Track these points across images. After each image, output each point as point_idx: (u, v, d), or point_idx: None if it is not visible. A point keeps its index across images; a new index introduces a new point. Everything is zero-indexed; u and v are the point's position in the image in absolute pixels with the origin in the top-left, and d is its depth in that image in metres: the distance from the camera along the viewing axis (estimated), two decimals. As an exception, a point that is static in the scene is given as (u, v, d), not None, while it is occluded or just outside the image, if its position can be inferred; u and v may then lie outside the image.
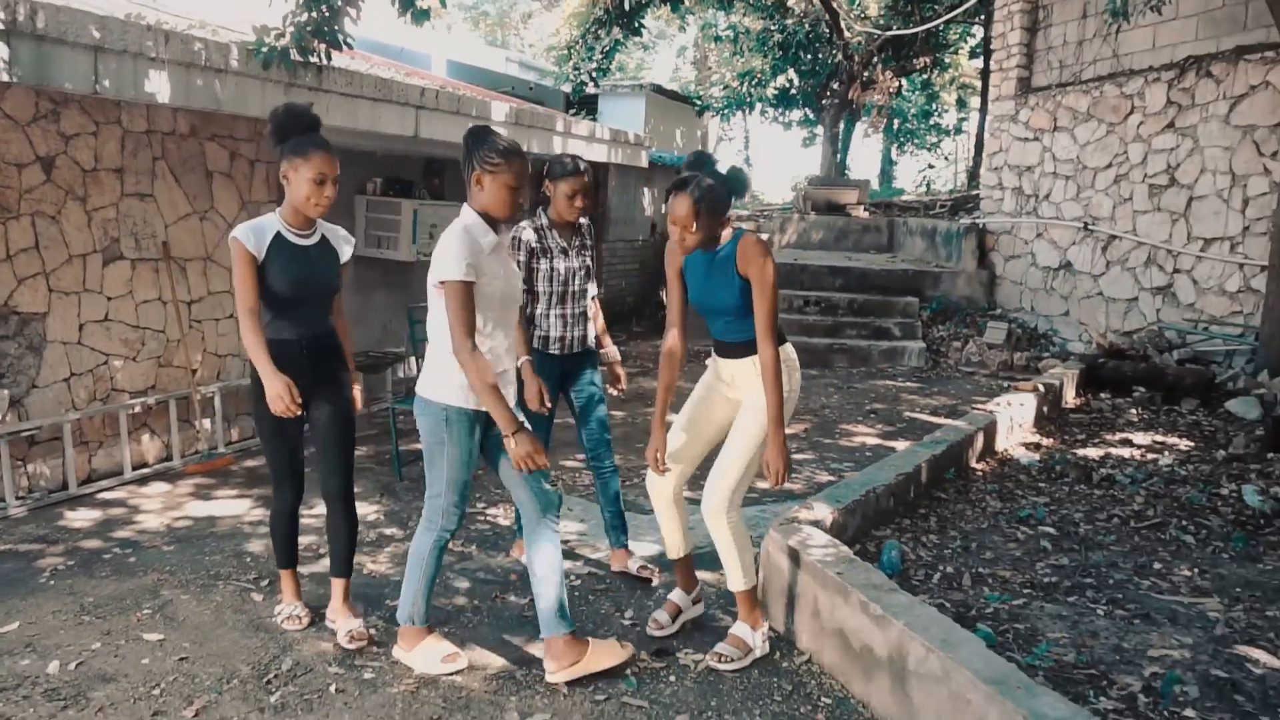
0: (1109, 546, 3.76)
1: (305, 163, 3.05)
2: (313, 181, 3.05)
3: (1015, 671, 2.33)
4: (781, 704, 2.83)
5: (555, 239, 3.75)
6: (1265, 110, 7.03)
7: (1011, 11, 10.14)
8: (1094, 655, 2.80)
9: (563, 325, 3.80)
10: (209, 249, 5.93)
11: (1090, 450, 5.28)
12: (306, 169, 3.05)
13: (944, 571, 3.45)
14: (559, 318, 3.79)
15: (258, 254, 3.08)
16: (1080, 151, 9.04)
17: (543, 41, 27.85)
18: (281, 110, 3.13)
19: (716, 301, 3.09)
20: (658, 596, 3.68)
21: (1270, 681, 2.65)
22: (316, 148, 3.06)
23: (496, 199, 2.86)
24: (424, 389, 3.02)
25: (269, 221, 3.16)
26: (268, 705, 2.84)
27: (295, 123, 3.09)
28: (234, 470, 5.62)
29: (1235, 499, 4.24)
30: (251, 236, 3.09)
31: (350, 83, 5.91)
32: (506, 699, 2.88)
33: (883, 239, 12.67)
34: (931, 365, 9.09)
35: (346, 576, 3.38)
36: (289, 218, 3.17)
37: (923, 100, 23.84)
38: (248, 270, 3.07)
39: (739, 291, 3.01)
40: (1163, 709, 2.49)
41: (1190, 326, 7.70)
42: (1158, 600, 3.23)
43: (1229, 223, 7.39)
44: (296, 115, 3.11)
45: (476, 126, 2.95)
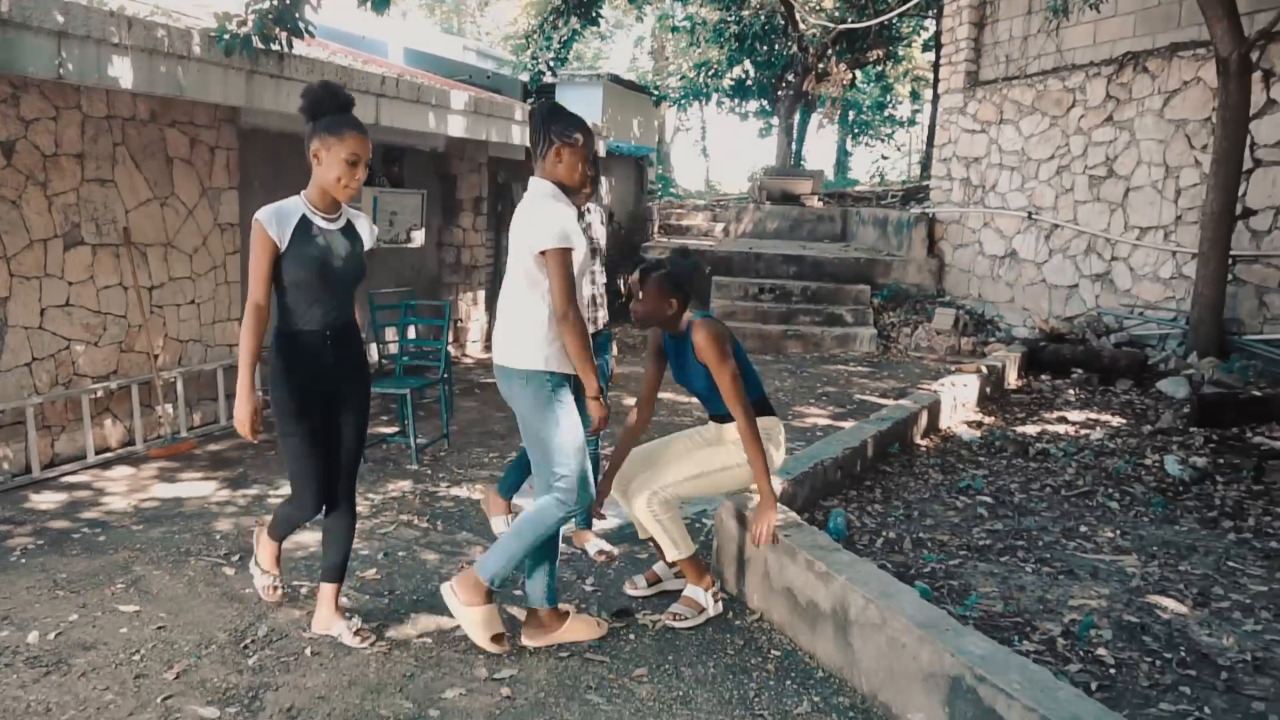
0: (1040, 513, 4.01)
1: (339, 142, 2.87)
2: (346, 163, 2.89)
3: (946, 617, 2.55)
4: (734, 656, 3.02)
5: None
6: (1196, 105, 7.36)
7: (960, 6, 10.43)
8: (1020, 606, 3.03)
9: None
10: (170, 235, 5.97)
11: (1029, 427, 5.56)
12: (340, 149, 2.87)
13: (887, 537, 3.67)
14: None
15: (279, 241, 2.90)
16: (1025, 143, 9.35)
17: (499, 30, 27.78)
18: (317, 87, 2.97)
19: (689, 381, 3.34)
20: (616, 567, 3.86)
21: (1175, 624, 2.90)
22: (351, 127, 2.90)
23: (574, 170, 3.00)
24: (520, 360, 2.95)
25: (294, 205, 2.97)
26: (246, 668, 2.96)
27: (330, 101, 2.94)
28: (198, 454, 5.68)
29: (1158, 469, 4.53)
30: (275, 221, 2.90)
31: (312, 70, 5.98)
32: (475, 658, 3.03)
33: (836, 228, 12.94)
34: (882, 350, 9.37)
35: (341, 582, 3.26)
36: (315, 200, 2.99)
37: (877, 92, 24.20)
38: (265, 259, 2.90)
39: (704, 375, 3.20)
40: (1079, 649, 2.73)
41: (1127, 312, 8.05)
42: (1081, 558, 3.47)
43: (1163, 212, 7.73)
44: (332, 93, 2.95)
45: (551, 103, 3.07)
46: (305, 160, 2.98)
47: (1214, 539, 3.68)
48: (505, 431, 6.26)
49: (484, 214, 9.43)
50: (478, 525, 4.39)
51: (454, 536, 4.24)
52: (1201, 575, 3.31)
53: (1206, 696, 2.50)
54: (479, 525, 4.39)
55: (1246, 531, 3.75)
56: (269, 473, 5.25)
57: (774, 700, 2.76)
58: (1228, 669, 2.63)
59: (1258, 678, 2.59)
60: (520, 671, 2.94)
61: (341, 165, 2.89)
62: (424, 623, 3.32)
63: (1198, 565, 3.40)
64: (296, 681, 2.87)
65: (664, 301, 3.21)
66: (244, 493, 4.88)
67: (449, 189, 9.13)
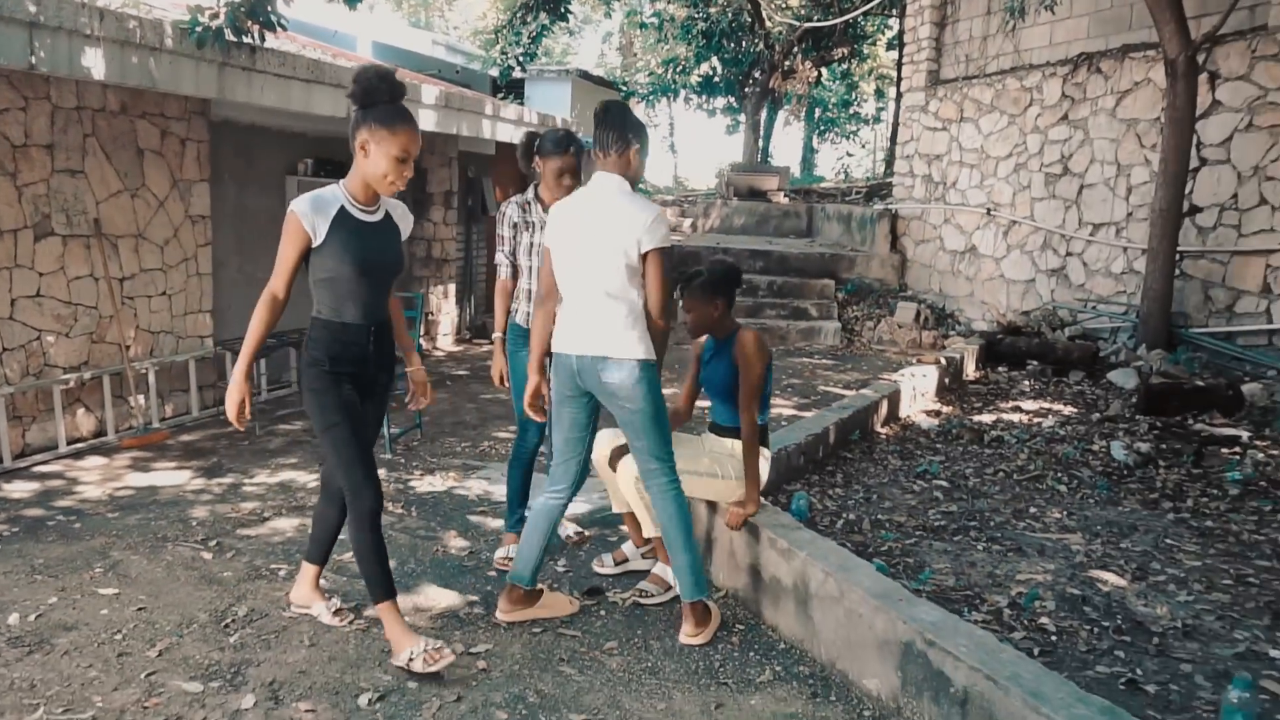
0: (993, 495, 4.19)
1: (392, 137, 2.74)
2: (396, 159, 2.76)
3: (900, 589, 2.70)
4: (700, 631, 3.16)
5: (539, 214, 3.74)
6: (1147, 105, 7.61)
7: (922, 6, 10.64)
8: (970, 581, 3.20)
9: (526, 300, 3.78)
10: (141, 226, 5.99)
11: (985, 416, 5.75)
12: (392, 144, 2.75)
13: (847, 518, 3.83)
14: (526, 292, 3.78)
15: (314, 235, 2.77)
16: (984, 141, 9.58)
17: (467, 24, 27.70)
18: (371, 72, 2.81)
19: (711, 379, 3.49)
20: (588, 549, 3.98)
21: (1114, 596, 3.08)
22: (405, 122, 2.77)
23: (642, 170, 3.14)
24: (634, 351, 2.98)
25: (332, 195, 2.82)
26: (227, 645, 3.05)
27: (385, 89, 2.79)
28: (170, 444, 5.72)
29: (1104, 454, 4.73)
30: (311, 213, 2.76)
31: (284, 64, 6.02)
32: (451, 633, 3.15)
33: (802, 224, 13.14)
34: (846, 344, 9.58)
35: (324, 565, 3.30)
36: (356, 192, 2.85)
37: (843, 90, 24.49)
38: (295, 251, 2.79)
39: (731, 376, 3.35)
40: (1023, 619, 2.90)
41: (1081, 306, 8.30)
42: (1030, 537, 3.65)
43: (1115, 209, 7.98)
44: (388, 81, 2.80)
45: (622, 102, 3.19)
46: (279, 153, 3.04)
47: (1154, 519, 3.89)
48: (476, 422, 6.36)
49: (454, 208, 9.49)
50: (450, 511, 4.50)
51: (428, 522, 4.34)
52: (1141, 552, 3.50)
53: (1139, 659, 2.68)
54: (452, 511, 4.50)
55: (1184, 512, 3.96)
56: (243, 462, 5.31)
57: (738, 670, 2.90)
58: (1160, 635, 2.82)
59: (1186, 642, 2.77)
60: (495, 646, 3.06)
61: (391, 161, 2.76)
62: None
63: (1138, 543, 3.60)
64: (277, 658, 2.97)
65: (710, 306, 3.36)
66: (219, 481, 4.94)
67: (419, 183, 9.18)
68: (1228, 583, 3.22)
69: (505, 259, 3.80)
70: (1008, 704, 2.14)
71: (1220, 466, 4.49)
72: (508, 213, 3.78)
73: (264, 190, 7.10)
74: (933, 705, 2.40)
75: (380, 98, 2.78)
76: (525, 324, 3.74)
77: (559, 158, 3.62)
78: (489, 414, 6.58)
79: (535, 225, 3.75)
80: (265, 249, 7.05)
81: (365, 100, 2.78)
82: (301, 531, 4.15)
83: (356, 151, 2.80)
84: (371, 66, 2.86)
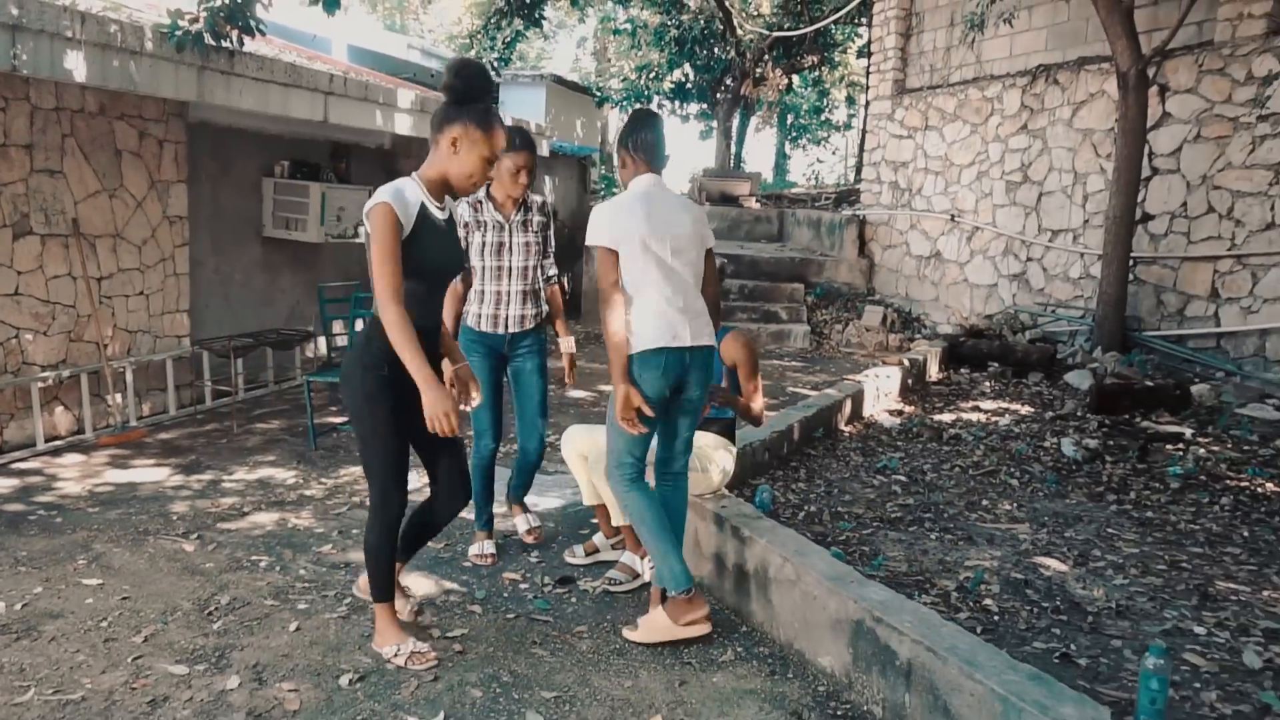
0: (948, 489, 4.38)
1: (486, 138, 2.69)
2: (485, 160, 2.72)
3: (852, 571, 2.87)
4: (667, 616, 3.32)
5: (492, 213, 3.67)
6: (1101, 115, 7.88)
7: (888, 17, 10.89)
8: (922, 567, 3.38)
9: (496, 302, 3.72)
10: (119, 226, 6.07)
11: (945, 415, 5.96)
12: (485, 145, 2.70)
13: (808, 511, 4.00)
14: (493, 294, 3.72)
15: (406, 226, 2.66)
16: (948, 149, 9.84)
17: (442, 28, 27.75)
18: (474, 69, 2.74)
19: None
20: (560, 539, 4.13)
21: (1055, 580, 3.28)
22: (500, 125, 2.73)
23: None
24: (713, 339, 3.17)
25: (411, 189, 2.71)
26: (212, 631, 3.17)
27: (483, 86, 2.73)
28: (148, 442, 5.80)
29: (1055, 450, 4.95)
30: (400, 204, 2.64)
31: (262, 68, 6.12)
32: (428, 618, 3.28)
33: (773, 229, 13.34)
34: (815, 346, 9.78)
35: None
36: (432, 187, 2.76)
37: (814, 96, 24.80)
38: (396, 242, 2.61)
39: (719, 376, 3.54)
40: (969, 601, 3.08)
41: (1040, 309, 8.55)
42: (980, 527, 3.85)
43: (1072, 216, 8.25)
44: (485, 78, 2.74)
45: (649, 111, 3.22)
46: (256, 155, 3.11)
47: (1098, 510, 4.09)
48: (451, 420, 6.46)
49: (428, 210, 9.59)
50: (427, 505, 4.62)
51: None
52: (1083, 540, 3.70)
53: (1074, 636, 2.87)
54: (428, 505, 4.62)
55: (1127, 504, 4.17)
56: (221, 459, 5.40)
57: (701, 651, 3.06)
58: (1094, 614, 3.01)
59: (1119, 621, 2.97)
60: (470, 630, 3.20)
61: (479, 163, 2.71)
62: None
63: (1081, 532, 3.80)
64: (260, 642, 3.09)
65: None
66: (198, 478, 5.03)
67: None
68: (1161, 568, 3.42)
69: None
70: (946, 672, 2.31)
71: (1164, 462, 4.72)
72: (458, 212, 3.60)
73: (240, 191, 7.18)
74: (880, 678, 2.57)
75: (479, 95, 2.72)
76: (478, 326, 3.72)
77: (521, 154, 3.53)
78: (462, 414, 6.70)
79: (487, 225, 3.67)
80: (241, 249, 7.17)
81: (465, 96, 2.70)
82: (281, 525, 4.26)
83: (443, 147, 2.71)
84: (474, 62, 2.78)
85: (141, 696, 2.73)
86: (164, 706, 2.68)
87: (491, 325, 3.75)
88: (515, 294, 3.75)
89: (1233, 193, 6.72)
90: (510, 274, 3.74)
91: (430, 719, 2.63)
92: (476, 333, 3.74)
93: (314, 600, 3.44)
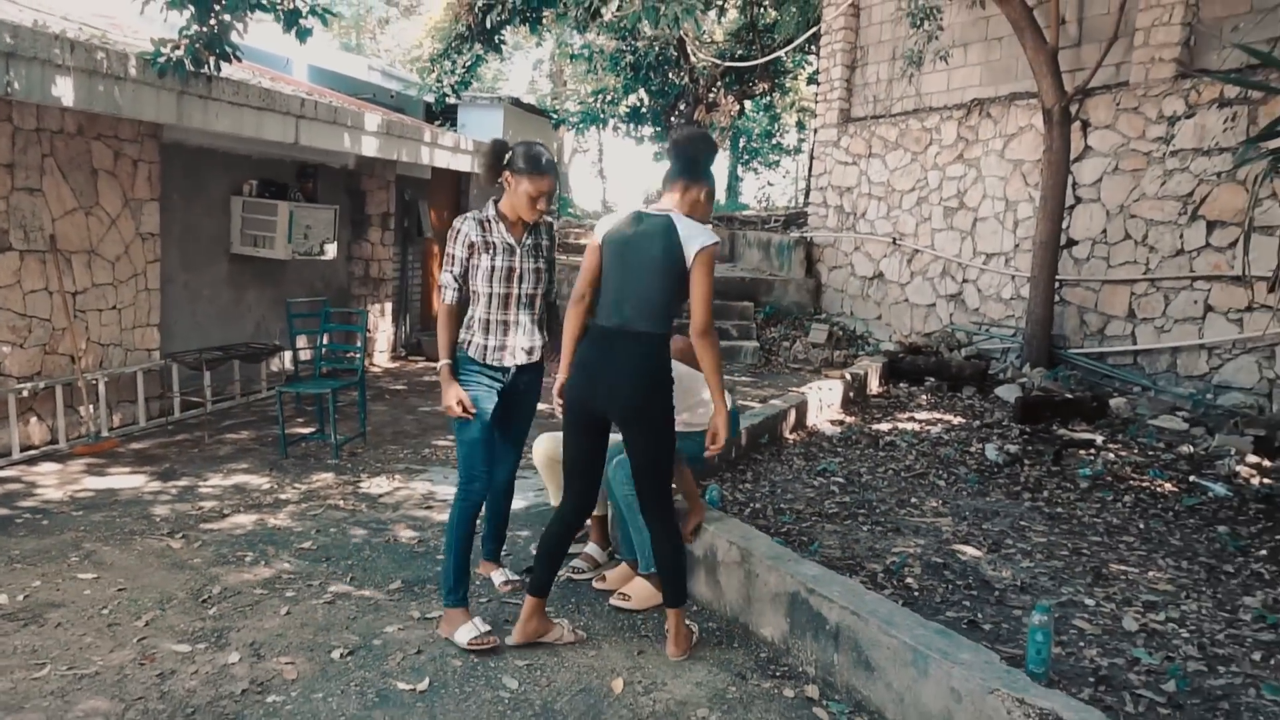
0: (882, 489, 4.80)
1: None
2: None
3: (789, 552, 3.25)
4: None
5: (502, 234, 3.35)
6: (1030, 147, 8.45)
7: (835, 50, 11.45)
8: (854, 553, 3.77)
9: (503, 332, 3.38)
10: (94, 242, 6.28)
11: (883, 425, 6.40)
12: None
13: (753, 507, 4.38)
14: (499, 324, 3.37)
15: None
16: (890, 176, 10.38)
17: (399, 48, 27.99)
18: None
19: None
20: (527, 536, 4.45)
21: (970, 564, 3.69)
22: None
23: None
24: None
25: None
26: (207, 616, 3.44)
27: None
28: (121, 452, 6.00)
29: (980, 454, 5.40)
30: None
31: (238, 92, 6.40)
32: (408, 604, 3.59)
33: (724, 250, 13.81)
34: (764, 362, 10.21)
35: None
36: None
37: (766, 121, 25.48)
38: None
39: None
40: (893, 579, 3.47)
41: (975, 328, 9.08)
42: (908, 521, 4.26)
43: (1004, 241, 8.80)
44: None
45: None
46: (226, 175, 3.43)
47: (1014, 506, 4.53)
48: (417, 431, 6.76)
49: (391, 229, 9.88)
50: (399, 507, 4.91)
51: (379, 515, 4.75)
52: (998, 531, 4.13)
53: (981, 608, 3.27)
54: (400, 507, 4.92)
55: (1040, 501, 4.62)
56: (195, 467, 5.63)
57: (656, 627, 3.41)
58: (1001, 590, 3.42)
59: (1021, 596, 3.38)
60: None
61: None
62: (362, 580, 3.84)
63: (997, 524, 4.23)
64: (255, 624, 3.37)
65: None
66: (174, 484, 5.26)
67: (358, 204, 9.55)
68: (1064, 554, 3.86)
69: (452, 281, 3.36)
70: (867, 631, 2.70)
71: (1076, 465, 5.19)
72: (463, 229, 3.33)
73: (210, 210, 7.42)
74: (813, 642, 2.94)
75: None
76: (482, 359, 3.37)
77: (539, 179, 3.26)
78: (428, 424, 6.99)
79: (496, 247, 3.34)
80: (210, 265, 7.40)
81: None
82: (261, 525, 4.53)
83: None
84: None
85: (151, 670, 3.00)
86: (173, 678, 2.96)
87: (498, 357, 3.39)
88: (524, 324, 3.43)
89: (1147, 221, 7.29)
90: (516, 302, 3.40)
91: (416, 685, 2.94)
92: (480, 364, 3.38)
93: (300, 589, 3.72)
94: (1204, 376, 6.81)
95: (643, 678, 3.02)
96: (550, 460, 4.01)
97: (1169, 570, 3.70)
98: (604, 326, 3.07)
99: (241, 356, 7.18)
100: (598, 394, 3.03)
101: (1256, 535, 4.12)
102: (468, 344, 3.38)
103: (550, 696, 2.92)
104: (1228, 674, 2.83)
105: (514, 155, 3.29)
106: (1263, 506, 4.48)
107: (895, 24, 10.40)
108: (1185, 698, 2.68)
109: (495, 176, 3.35)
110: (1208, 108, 6.80)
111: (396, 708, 2.83)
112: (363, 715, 2.78)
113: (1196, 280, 6.89)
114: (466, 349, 3.38)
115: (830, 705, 2.85)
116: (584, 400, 3.07)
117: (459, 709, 2.83)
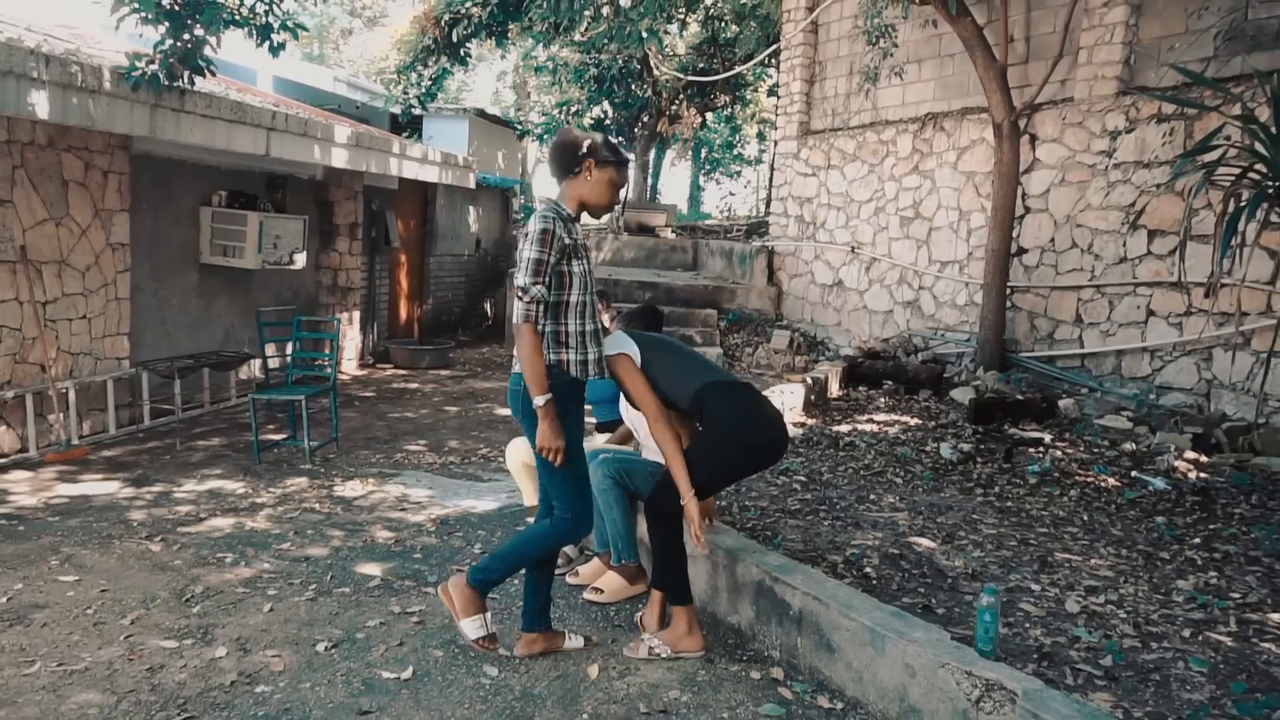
0: (841, 486, 5.01)
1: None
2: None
3: (754, 544, 3.43)
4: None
5: (578, 233, 3.08)
6: (982, 159, 8.77)
7: (794, 65, 11.73)
8: (815, 545, 3.96)
9: (596, 343, 3.11)
10: (64, 253, 6.32)
11: (843, 426, 6.62)
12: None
13: (720, 505, 4.55)
14: (593, 334, 3.09)
15: None
16: (849, 187, 10.66)
17: (363, 59, 27.96)
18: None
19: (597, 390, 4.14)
20: (500, 535, 4.59)
21: (924, 554, 3.90)
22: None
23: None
24: None
25: None
26: (191, 614, 3.54)
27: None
28: (92, 459, 6.04)
29: (935, 453, 5.63)
30: None
31: (210, 105, 6.48)
32: (389, 599, 3.71)
33: (688, 258, 14.04)
34: (728, 368, 10.43)
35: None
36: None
37: (727, 132, 25.83)
38: None
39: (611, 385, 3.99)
40: (852, 569, 3.67)
41: (932, 333, 9.37)
42: (867, 515, 4.46)
43: (958, 249, 9.10)
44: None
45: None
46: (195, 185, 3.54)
47: (967, 501, 4.76)
48: (388, 437, 6.86)
49: (359, 239, 9.96)
50: (374, 509, 5.02)
51: (355, 518, 4.86)
52: (952, 524, 4.35)
53: (934, 594, 3.47)
54: (375, 509, 5.03)
55: (991, 496, 4.86)
56: (169, 473, 5.69)
57: (628, 616, 3.57)
58: (953, 578, 3.63)
59: (972, 583, 3.59)
60: (427, 607, 3.64)
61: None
62: (342, 578, 3.96)
63: (951, 518, 4.45)
64: (239, 621, 3.48)
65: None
66: (149, 490, 5.33)
67: (326, 215, 9.62)
68: (1013, 544, 4.08)
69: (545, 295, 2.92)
70: (829, 615, 2.88)
71: (1026, 462, 5.44)
72: (554, 230, 2.93)
73: (179, 220, 7.47)
74: (778, 627, 3.12)
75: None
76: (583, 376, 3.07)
77: (627, 167, 3.14)
78: (399, 430, 7.10)
79: (581, 249, 3.08)
80: (180, 275, 7.44)
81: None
82: (239, 528, 4.62)
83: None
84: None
85: (140, 665, 3.10)
86: (162, 672, 3.06)
87: (597, 370, 3.12)
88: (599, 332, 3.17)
89: (1092, 230, 7.61)
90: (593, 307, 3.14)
91: (400, 674, 3.07)
92: (578, 384, 3.09)
93: (282, 587, 3.83)
94: (1147, 378, 7.12)
95: (617, 664, 3.18)
96: (523, 465, 4.16)
97: (1109, 558, 3.93)
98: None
99: (213, 365, 7.23)
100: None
101: (1191, 525, 4.38)
102: (566, 364, 3.02)
103: (529, 682, 3.07)
104: (1160, 649, 3.05)
105: (595, 145, 3.08)
106: (1198, 499, 4.75)
107: (852, 41, 10.69)
108: (1120, 670, 2.90)
109: (569, 169, 3.09)
110: (1147, 123, 7.13)
111: (382, 695, 2.96)
112: (350, 703, 2.91)
113: (1139, 286, 7.21)
114: (565, 370, 3.02)
115: (794, 685, 3.03)
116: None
117: (442, 695, 2.97)
